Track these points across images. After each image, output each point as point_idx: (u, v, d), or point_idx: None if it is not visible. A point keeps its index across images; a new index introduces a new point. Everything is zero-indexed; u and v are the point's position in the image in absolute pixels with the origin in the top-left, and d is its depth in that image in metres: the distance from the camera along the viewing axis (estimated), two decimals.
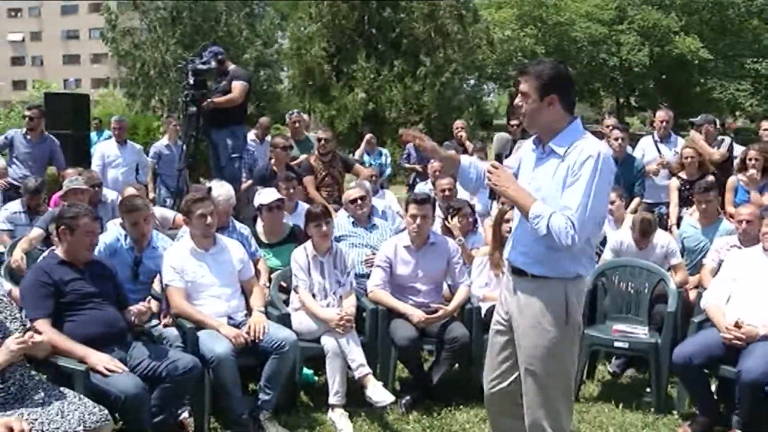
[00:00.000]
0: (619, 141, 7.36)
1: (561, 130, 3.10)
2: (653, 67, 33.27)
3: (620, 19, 34.04)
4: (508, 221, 5.19)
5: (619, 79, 35.13)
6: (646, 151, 7.89)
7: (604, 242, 6.19)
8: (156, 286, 4.65)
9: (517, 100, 3.15)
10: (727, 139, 7.83)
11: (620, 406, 4.78)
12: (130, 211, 4.76)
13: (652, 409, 4.71)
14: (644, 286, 5.18)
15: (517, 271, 3.22)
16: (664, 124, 7.91)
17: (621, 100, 40.04)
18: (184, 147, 7.62)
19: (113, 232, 4.85)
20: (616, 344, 4.93)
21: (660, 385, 4.77)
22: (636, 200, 7.08)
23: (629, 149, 7.70)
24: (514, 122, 10.80)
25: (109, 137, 9.34)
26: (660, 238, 5.51)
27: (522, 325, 3.19)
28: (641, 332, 4.94)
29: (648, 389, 4.91)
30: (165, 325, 4.45)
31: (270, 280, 5.06)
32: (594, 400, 4.95)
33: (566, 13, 33.35)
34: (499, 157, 3.35)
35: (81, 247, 4.00)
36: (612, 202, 6.24)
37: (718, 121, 8.81)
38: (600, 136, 9.87)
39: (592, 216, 2.98)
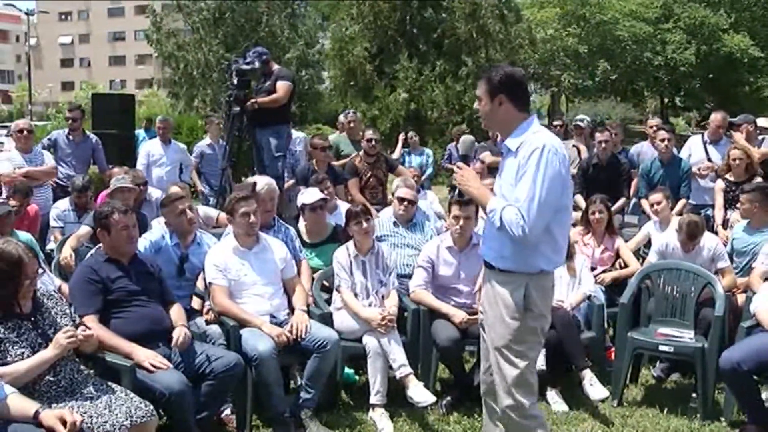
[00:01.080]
0: (665, 142, 7.27)
1: (514, 128, 3.26)
2: (700, 66, 32.59)
3: (666, 18, 33.43)
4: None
5: (663, 78, 34.50)
6: (693, 151, 7.74)
7: (648, 244, 6.12)
8: (200, 284, 4.71)
9: (475, 105, 3.36)
10: None
11: (665, 411, 4.69)
12: (173, 201, 4.84)
13: (698, 416, 4.61)
14: (690, 289, 5.08)
15: (487, 265, 3.39)
16: (719, 128, 7.70)
17: (665, 101, 39.35)
18: (227, 146, 7.70)
19: (158, 229, 4.91)
20: (661, 348, 4.84)
21: (707, 391, 4.67)
22: (682, 202, 6.97)
23: (675, 150, 7.59)
24: (556, 123, 10.74)
25: (155, 137, 9.48)
26: (707, 240, 5.40)
27: (489, 317, 3.37)
28: (687, 336, 4.85)
29: (694, 395, 4.80)
30: (207, 321, 4.51)
31: (312, 281, 5.07)
32: (638, 404, 4.88)
33: (610, 12, 32.86)
34: (465, 158, 3.53)
35: (121, 242, 4.07)
36: (658, 203, 6.17)
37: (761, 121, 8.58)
38: (644, 136, 9.79)
39: (542, 206, 3.10)
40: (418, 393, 4.37)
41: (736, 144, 7.15)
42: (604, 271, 5.82)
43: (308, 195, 5.50)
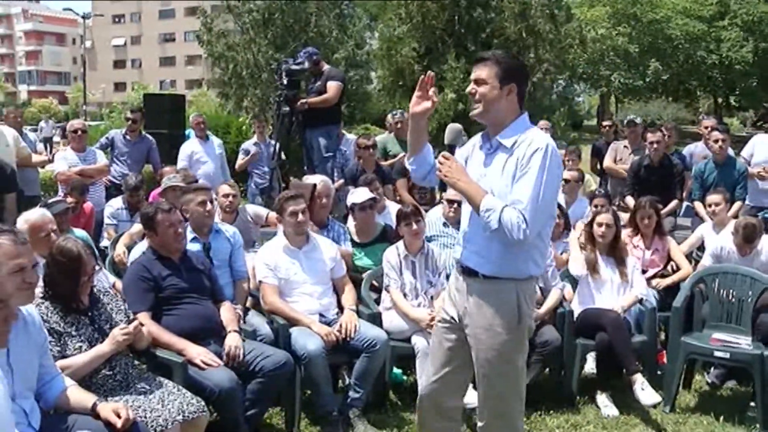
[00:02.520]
0: (720, 143, 7.10)
1: (509, 123, 3.04)
2: (757, 64, 31.76)
3: (721, 15, 32.68)
4: (601, 224, 5.10)
5: (717, 77, 33.75)
6: (756, 150, 7.51)
7: (701, 247, 5.98)
8: (252, 283, 4.76)
9: (470, 88, 3.05)
10: None
11: (720, 419, 4.58)
12: (195, 190, 4.91)
13: (758, 425, 4.48)
14: (747, 294, 4.95)
15: (468, 272, 3.13)
16: None
17: (719, 100, 38.47)
18: (277, 146, 7.77)
19: None
20: (716, 354, 4.73)
21: (766, 399, 4.53)
22: (737, 204, 6.80)
23: (730, 151, 7.41)
24: (606, 123, 10.58)
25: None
26: (765, 244, 5.26)
27: (475, 328, 3.10)
28: (744, 342, 4.73)
29: (752, 404, 4.65)
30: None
31: (361, 281, 5.08)
32: (691, 411, 4.77)
33: (662, 10, 32.30)
34: (450, 148, 3.14)
35: (169, 241, 4.14)
36: (717, 204, 6.02)
37: None
38: (696, 137, 9.58)
39: (542, 209, 2.93)
40: (469, 394, 4.33)
41: None
42: (655, 275, 5.72)
43: (357, 195, 5.52)
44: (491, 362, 3.08)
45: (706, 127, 8.30)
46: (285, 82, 7.59)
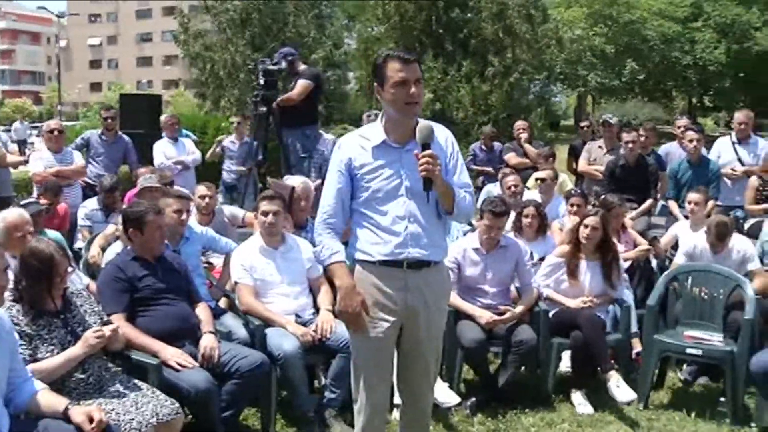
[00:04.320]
0: (694, 143, 7.18)
1: None
2: (730, 65, 32.22)
3: (695, 16, 33.12)
4: (587, 226, 5.07)
5: (692, 78, 34.15)
6: (722, 152, 7.64)
7: (676, 246, 6.05)
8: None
9: (416, 89, 3.07)
10: None
11: (692, 415, 4.64)
12: (177, 197, 4.92)
13: (728, 420, 4.55)
14: (719, 291, 5.01)
15: (418, 265, 3.15)
16: (743, 126, 7.60)
17: (694, 101, 38.91)
18: (255, 146, 7.75)
19: None
20: (689, 351, 4.79)
21: (736, 395, 4.60)
22: (710, 203, 6.87)
23: (704, 151, 7.50)
24: (583, 123, 10.64)
25: (186, 136, 9.51)
26: (737, 242, 5.33)
27: (431, 314, 3.23)
28: (716, 339, 4.79)
29: (723, 399, 4.73)
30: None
31: None
32: (664, 407, 4.82)
33: (638, 11, 32.64)
34: (424, 147, 3.09)
35: (153, 243, 4.12)
36: (696, 203, 6.09)
37: None
38: (672, 137, 9.67)
39: None
40: (443, 394, 4.36)
41: None
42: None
43: None
44: (438, 340, 3.33)
45: (680, 127, 8.39)
46: (262, 82, 7.57)
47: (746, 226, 6.64)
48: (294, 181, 5.66)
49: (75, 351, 3.29)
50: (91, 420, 2.88)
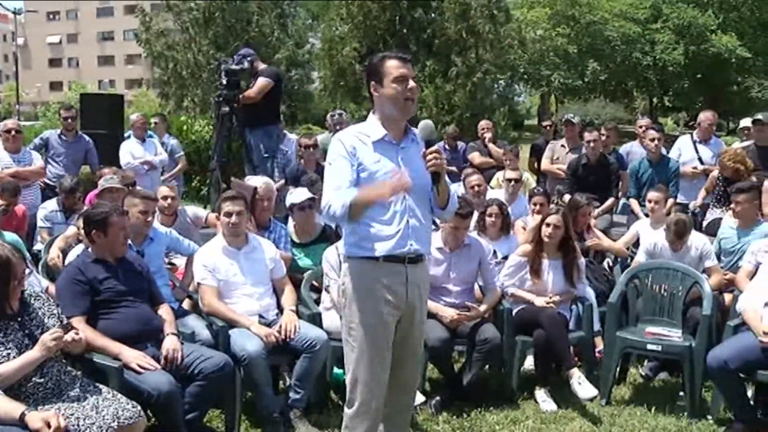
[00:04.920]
0: (655, 142, 7.31)
1: None
2: (688, 66, 32.81)
3: (655, 18, 33.64)
4: (549, 225, 5.10)
5: (652, 78, 34.68)
6: (683, 151, 7.77)
7: (637, 244, 6.14)
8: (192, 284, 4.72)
9: (412, 83, 3.20)
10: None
11: (653, 410, 4.71)
12: (142, 198, 4.92)
13: (686, 414, 4.64)
14: (678, 288, 5.10)
15: (417, 259, 3.28)
16: (709, 125, 7.74)
17: (654, 101, 39.53)
18: (218, 146, 7.70)
19: None
20: (649, 347, 4.87)
21: (694, 389, 4.69)
22: (670, 201, 6.98)
23: (664, 150, 7.62)
24: (546, 123, 10.76)
25: (151, 136, 9.40)
26: (695, 239, 5.43)
27: (423, 308, 3.38)
28: (675, 335, 4.87)
29: (682, 393, 4.83)
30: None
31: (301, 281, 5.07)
32: (626, 403, 4.89)
33: (599, 12, 33.04)
34: (428, 144, 3.28)
35: (117, 245, 4.07)
36: (656, 202, 6.18)
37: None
38: (633, 136, 9.82)
39: None
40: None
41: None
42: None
43: (296, 195, 5.51)
44: (423, 333, 3.49)
45: (641, 127, 8.54)
46: (225, 82, 7.53)
47: (704, 223, 6.77)
48: (256, 181, 5.64)
49: (32, 354, 3.21)
50: (49, 426, 2.82)
